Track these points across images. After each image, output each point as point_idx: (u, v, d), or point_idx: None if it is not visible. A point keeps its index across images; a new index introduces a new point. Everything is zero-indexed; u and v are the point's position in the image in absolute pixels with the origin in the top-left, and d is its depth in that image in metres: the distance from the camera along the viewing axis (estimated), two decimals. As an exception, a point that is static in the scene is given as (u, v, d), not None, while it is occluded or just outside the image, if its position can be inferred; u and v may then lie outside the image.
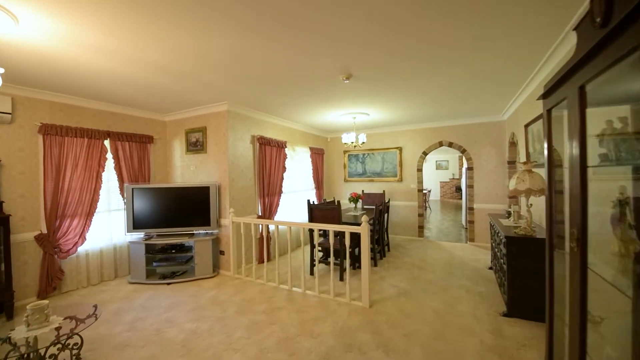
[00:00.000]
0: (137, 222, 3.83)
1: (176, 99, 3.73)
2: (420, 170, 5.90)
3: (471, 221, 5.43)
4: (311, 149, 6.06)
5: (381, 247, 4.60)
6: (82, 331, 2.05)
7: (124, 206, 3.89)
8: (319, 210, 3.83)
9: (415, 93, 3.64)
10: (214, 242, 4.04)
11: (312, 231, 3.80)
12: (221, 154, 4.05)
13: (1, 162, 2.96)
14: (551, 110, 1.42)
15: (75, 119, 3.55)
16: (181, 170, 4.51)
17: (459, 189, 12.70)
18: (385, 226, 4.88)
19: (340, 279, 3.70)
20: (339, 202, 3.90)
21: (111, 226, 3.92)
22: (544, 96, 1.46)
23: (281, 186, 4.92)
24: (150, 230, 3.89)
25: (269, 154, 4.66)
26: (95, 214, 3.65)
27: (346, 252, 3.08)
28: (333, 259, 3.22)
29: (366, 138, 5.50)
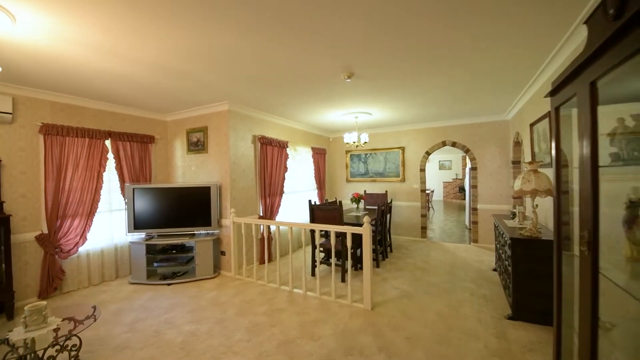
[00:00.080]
0: (138, 222, 3.82)
1: (176, 99, 3.71)
2: (423, 170, 5.84)
3: (475, 222, 5.36)
4: (313, 148, 6.03)
5: (383, 248, 4.55)
6: (80, 332, 2.03)
7: (125, 206, 3.88)
8: (320, 211, 3.79)
9: (416, 92, 3.59)
10: (214, 243, 4.02)
11: (313, 232, 3.76)
12: (222, 154, 4.03)
13: (2, 162, 2.95)
14: (559, 108, 1.37)
15: (76, 118, 3.54)
16: (182, 170, 4.49)
17: (462, 189, 12.60)
18: (387, 227, 4.83)
19: (342, 280, 3.66)
20: (340, 202, 3.85)
21: (112, 226, 3.91)
22: (552, 93, 1.41)
23: (283, 186, 4.88)
24: (151, 230, 3.88)
25: (271, 154, 4.63)
26: (96, 214, 3.64)
27: (348, 253, 3.04)
28: (334, 260, 3.18)
29: (368, 138, 5.43)
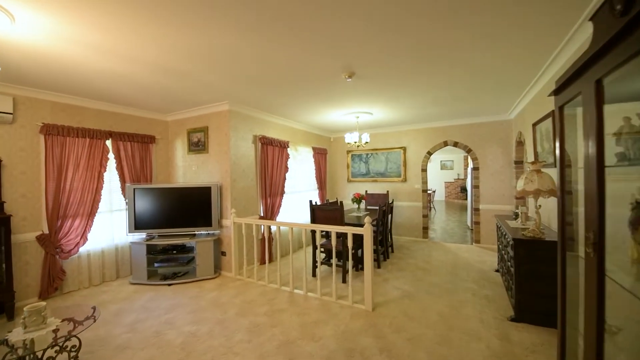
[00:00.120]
0: (139, 222, 3.81)
1: (177, 99, 3.70)
2: (424, 170, 5.81)
3: (477, 222, 5.33)
4: (314, 148, 6.01)
5: (385, 248, 4.53)
6: (80, 333, 2.02)
7: (126, 206, 3.88)
8: (321, 211, 3.77)
9: (417, 92, 3.57)
10: (215, 243, 4.01)
11: (314, 232, 3.75)
12: (223, 154, 4.02)
13: (2, 162, 2.95)
14: (563, 107, 1.35)
15: (77, 119, 3.54)
16: (183, 170, 4.48)
17: (464, 190, 12.55)
18: (389, 227, 4.81)
19: (343, 280, 3.64)
20: (341, 202, 3.83)
21: (113, 226, 3.90)
22: (556, 92, 1.39)
23: (283, 186, 4.87)
24: (151, 230, 3.87)
25: (271, 154, 4.61)
26: (96, 214, 3.64)
27: (349, 254, 3.02)
28: (335, 260, 3.16)
29: (369, 138, 5.41)
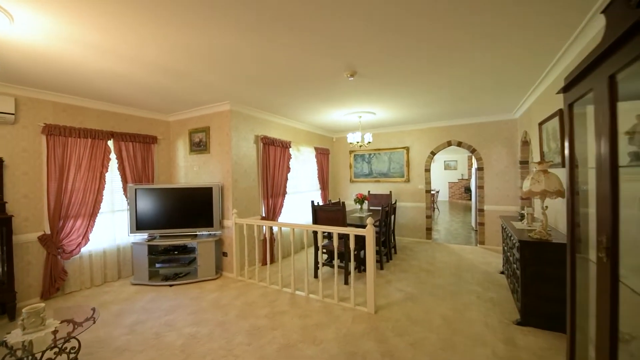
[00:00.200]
0: (140, 222, 3.80)
1: (178, 99, 3.69)
2: (428, 170, 5.75)
3: (481, 223, 5.25)
4: (316, 149, 5.97)
5: (387, 249, 4.47)
6: (79, 335, 2.01)
7: (127, 207, 3.87)
8: (323, 212, 3.73)
9: (420, 91, 3.51)
10: (217, 244, 3.99)
11: (316, 233, 3.71)
12: (224, 154, 4.00)
13: (4, 162, 2.96)
14: (573, 105, 1.30)
15: (79, 119, 3.54)
16: (185, 170, 4.47)
17: (468, 190, 12.43)
18: (391, 228, 4.76)
19: (345, 282, 3.60)
20: (343, 203, 3.79)
21: (114, 227, 3.90)
22: (565, 89, 1.33)
23: (285, 187, 4.84)
24: (153, 231, 3.86)
25: (273, 154, 4.59)
26: (98, 214, 3.64)
27: (351, 255, 2.98)
28: (337, 262, 3.12)
29: (372, 138, 5.37)
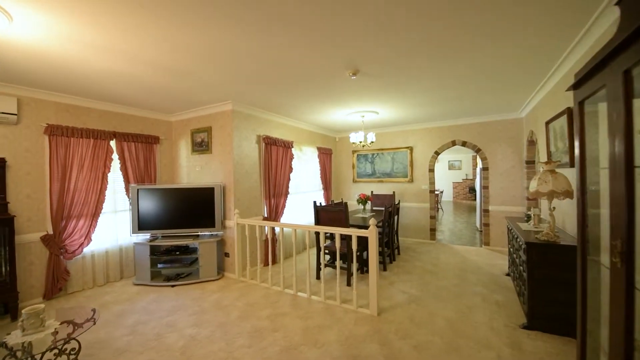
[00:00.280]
0: (143, 223, 3.80)
1: (179, 99, 3.67)
2: (432, 170, 5.68)
3: (486, 224, 5.17)
4: (319, 149, 5.94)
5: (391, 250, 4.42)
6: (79, 336, 2.00)
7: (130, 207, 3.87)
8: (325, 212, 3.70)
9: (423, 90, 3.46)
10: (218, 244, 3.98)
11: (318, 234, 3.67)
12: (226, 154, 3.98)
13: (7, 162, 2.96)
14: (584, 102, 1.24)
15: (81, 119, 3.55)
16: (187, 170, 4.47)
17: (472, 190, 12.31)
18: (395, 229, 4.70)
19: (348, 283, 3.56)
20: (346, 203, 3.75)
21: (117, 227, 3.90)
22: (575, 86, 1.28)
23: (287, 187, 4.81)
24: (155, 231, 3.85)
25: (275, 154, 4.56)
26: (101, 214, 3.64)
27: (353, 257, 2.94)
28: (340, 263, 3.08)
29: (375, 137, 5.32)
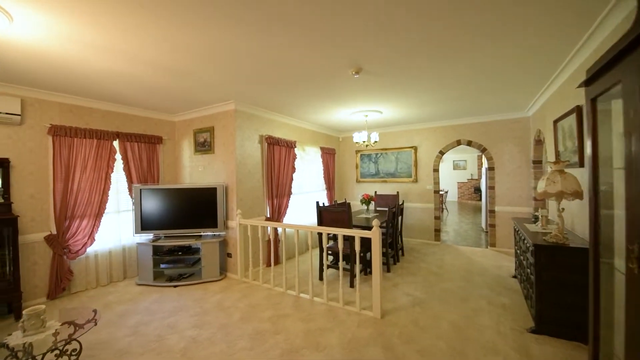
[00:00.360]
0: (145, 223, 3.80)
1: (181, 99, 3.66)
2: (436, 170, 5.60)
3: (492, 225, 5.09)
4: (322, 148, 5.90)
5: (395, 251, 4.37)
6: (81, 336, 1.99)
7: (133, 207, 3.88)
8: (328, 213, 3.66)
9: (428, 89, 3.41)
10: (221, 245, 3.96)
11: (321, 234, 3.64)
12: (229, 154, 3.96)
13: (11, 163, 2.98)
14: (596, 99, 1.19)
15: (84, 119, 3.56)
16: (190, 170, 4.46)
17: (477, 190, 12.16)
18: (399, 229, 4.64)
19: (351, 285, 3.52)
20: (349, 204, 3.70)
21: (120, 227, 3.91)
22: (587, 83, 1.23)
23: (290, 187, 4.78)
24: (158, 231, 3.85)
25: (278, 154, 4.53)
26: (104, 214, 3.65)
27: (356, 258, 2.90)
28: (343, 264, 3.04)
29: (379, 137, 5.27)
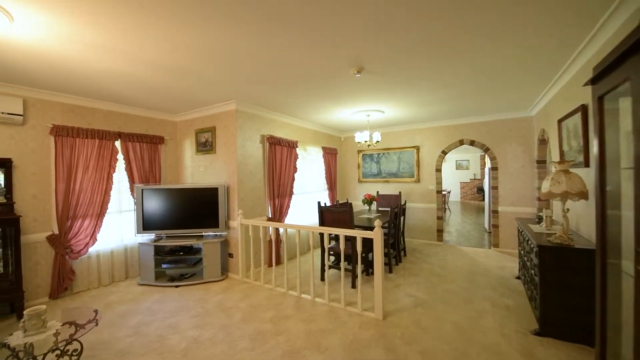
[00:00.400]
0: (147, 223, 3.80)
1: (182, 99, 3.66)
2: (439, 170, 5.57)
3: (495, 225, 5.04)
4: (324, 148, 5.88)
5: (397, 252, 4.34)
6: (81, 337, 1.99)
7: (134, 207, 3.88)
8: (329, 213, 3.64)
9: (430, 89, 3.38)
10: (222, 245, 3.95)
11: (322, 235, 3.62)
12: (230, 154, 3.96)
13: (14, 163, 2.99)
14: (603, 97, 1.16)
15: (87, 119, 3.56)
16: (191, 170, 4.46)
17: (480, 190, 12.09)
18: (401, 230, 4.62)
19: (352, 286, 3.49)
20: (350, 204, 3.69)
21: (122, 227, 3.91)
22: (594, 81, 1.20)
23: (292, 187, 4.77)
24: (159, 231, 3.85)
25: (279, 154, 4.52)
26: (106, 214, 3.65)
27: (358, 258, 2.88)
28: (344, 264, 3.02)
29: (381, 137, 5.24)
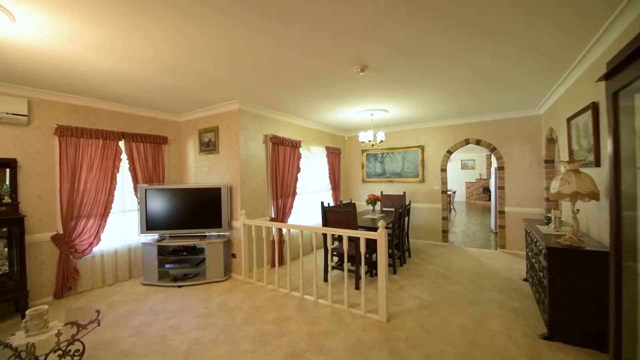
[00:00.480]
0: (150, 223, 3.81)
1: (181, 98, 3.64)
2: (444, 170, 5.49)
3: (502, 226, 4.95)
4: (327, 148, 5.85)
5: (401, 252, 4.29)
6: (84, 337, 1.98)
7: (138, 207, 3.89)
8: (332, 213, 3.60)
9: (435, 87, 3.33)
10: (225, 245, 3.94)
11: (325, 235, 3.59)
12: (233, 154, 3.94)
13: (19, 163, 3.01)
14: (618, 93, 1.11)
15: (90, 119, 3.58)
16: (195, 170, 4.46)
17: (486, 190, 11.94)
18: (405, 230, 4.56)
19: (356, 287, 3.46)
20: (354, 204, 3.65)
21: (126, 227, 3.93)
22: (608, 76, 1.15)
23: (295, 187, 4.74)
24: (163, 231, 3.86)
25: (283, 153, 4.50)
26: (110, 214, 3.67)
27: (361, 259, 2.84)
28: (348, 265, 2.98)
29: (385, 136, 5.20)
